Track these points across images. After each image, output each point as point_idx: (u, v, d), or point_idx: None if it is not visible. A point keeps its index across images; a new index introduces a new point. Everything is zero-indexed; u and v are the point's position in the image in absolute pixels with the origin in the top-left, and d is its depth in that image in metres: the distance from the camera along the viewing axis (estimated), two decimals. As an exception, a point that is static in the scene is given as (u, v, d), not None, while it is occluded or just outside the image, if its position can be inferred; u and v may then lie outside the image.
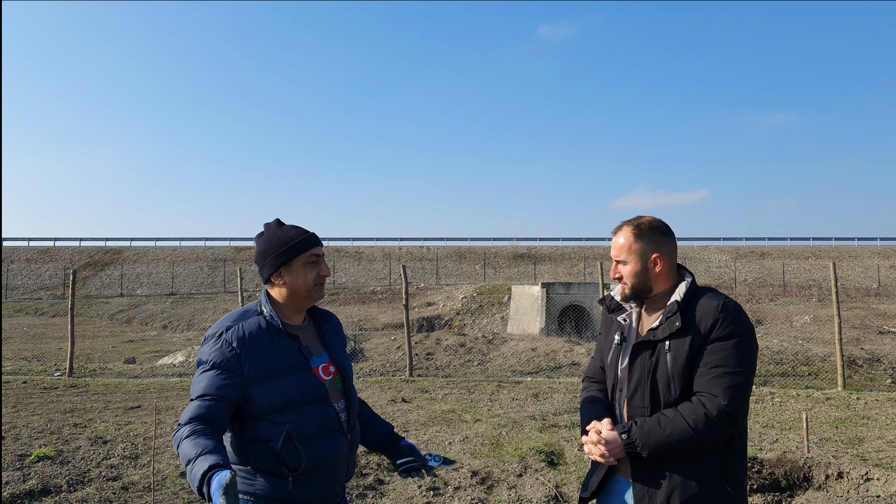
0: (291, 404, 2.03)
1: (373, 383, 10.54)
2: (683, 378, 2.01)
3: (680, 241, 48.09)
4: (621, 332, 2.21)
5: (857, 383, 10.27)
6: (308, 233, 2.19)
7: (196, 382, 2.02)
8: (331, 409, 2.11)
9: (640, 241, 2.15)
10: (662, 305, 2.15)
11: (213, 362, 2.00)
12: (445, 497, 4.95)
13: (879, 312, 22.23)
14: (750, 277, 37.80)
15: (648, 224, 2.18)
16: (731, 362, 1.96)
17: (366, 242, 48.56)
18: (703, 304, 2.05)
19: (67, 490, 5.03)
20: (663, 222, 2.22)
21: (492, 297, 24.17)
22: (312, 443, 2.03)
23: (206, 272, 40.31)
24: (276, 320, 2.11)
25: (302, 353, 2.11)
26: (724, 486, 1.97)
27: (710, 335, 1.99)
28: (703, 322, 2.01)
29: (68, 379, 11.06)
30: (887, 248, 45.40)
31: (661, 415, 2.00)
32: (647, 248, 2.15)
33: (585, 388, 2.37)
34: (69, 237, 46.80)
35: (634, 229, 2.17)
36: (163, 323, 25.46)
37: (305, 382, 2.07)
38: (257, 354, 2.02)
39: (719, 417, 1.91)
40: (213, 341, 2.04)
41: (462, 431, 7.02)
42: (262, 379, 2.01)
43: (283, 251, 2.13)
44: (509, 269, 40.80)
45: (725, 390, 1.93)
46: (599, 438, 2.04)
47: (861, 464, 5.51)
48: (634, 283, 2.16)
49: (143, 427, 7.17)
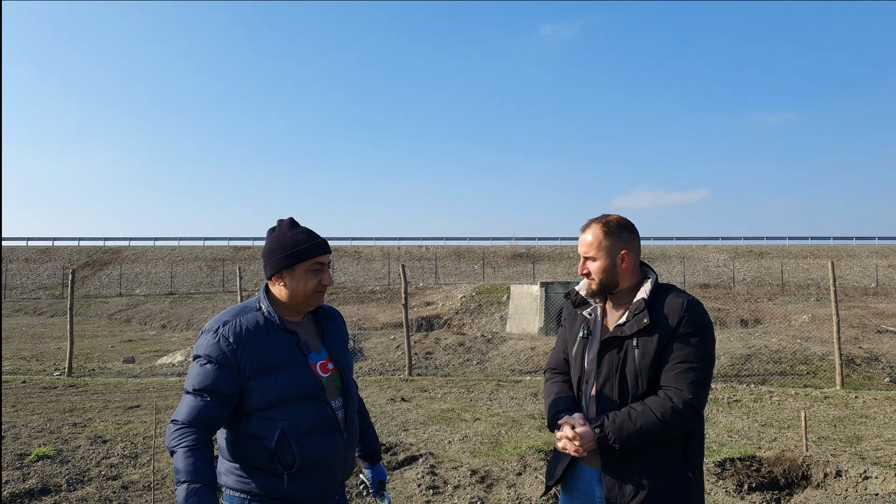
0: (286, 400, 2.02)
1: (372, 382, 10.55)
2: (651, 372, 2.11)
3: (679, 241, 48.18)
4: (587, 326, 2.28)
5: (855, 382, 10.28)
6: (317, 239, 2.17)
7: (192, 374, 2.03)
8: (327, 407, 2.10)
9: (609, 238, 2.22)
10: (627, 301, 2.24)
11: (209, 356, 2.01)
12: (445, 495, 4.96)
13: (878, 311, 22.24)
14: (748, 277, 37.81)
15: (616, 222, 2.25)
16: (695, 358, 2.08)
17: (365, 242, 48.56)
18: (669, 302, 2.14)
19: (67, 489, 5.04)
20: (629, 221, 2.29)
21: (491, 296, 24.17)
22: (307, 440, 2.03)
23: (205, 272, 40.27)
24: (273, 316, 2.11)
25: (300, 349, 2.11)
26: (687, 473, 2.09)
27: (676, 332, 2.09)
28: (669, 319, 2.11)
29: (67, 378, 11.05)
30: (886, 247, 45.45)
31: (631, 408, 2.08)
32: (616, 245, 2.21)
33: (550, 380, 2.43)
34: (68, 237, 46.77)
35: (603, 226, 2.23)
36: (162, 322, 25.43)
37: (302, 379, 2.06)
38: (254, 350, 2.02)
39: (685, 410, 2.03)
40: (210, 335, 2.04)
41: (461, 430, 7.03)
42: (257, 374, 2.01)
43: (288, 255, 2.12)
44: (508, 268, 40.80)
45: (690, 384, 2.05)
46: (574, 434, 2.09)
47: (859, 462, 5.52)
48: (602, 278, 2.22)
49: (143, 426, 7.17)
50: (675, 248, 46.59)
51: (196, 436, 1.94)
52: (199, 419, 1.96)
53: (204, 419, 1.97)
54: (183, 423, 1.96)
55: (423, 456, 5.90)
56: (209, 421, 1.98)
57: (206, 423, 1.98)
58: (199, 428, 1.96)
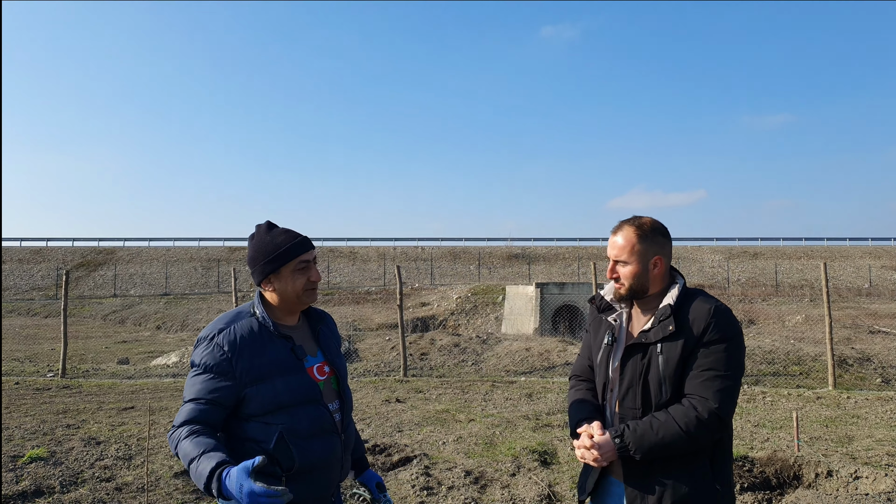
0: (283, 406, 2.03)
1: (367, 383, 10.55)
2: (675, 380, 2.02)
3: (674, 242, 48.27)
4: (612, 333, 2.20)
5: (847, 382, 10.33)
6: (297, 238, 2.16)
7: (189, 385, 2.04)
8: (324, 410, 2.11)
9: (642, 243, 2.12)
10: (653, 306, 2.15)
11: (205, 365, 2.02)
12: (439, 496, 4.97)
13: (870, 312, 22.36)
14: (743, 277, 37.95)
15: (650, 225, 2.16)
16: (722, 365, 1.98)
17: (360, 242, 48.56)
18: (695, 308, 2.04)
19: (61, 491, 5.03)
20: (662, 224, 2.20)
21: (486, 297, 24.20)
22: (306, 443, 2.04)
23: (200, 272, 40.19)
24: (268, 322, 2.11)
25: (295, 354, 2.11)
26: (714, 485, 2.00)
27: (702, 339, 2.00)
28: (695, 326, 2.01)
29: (61, 380, 11.02)
30: (879, 248, 45.67)
31: (653, 418, 2.00)
32: (649, 250, 2.13)
33: (574, 387, 2.38)
34: (62, 237, 46.58)
35: (637, 230, 2.14)
36: (156, 323, 25.36)
37: (298, 383, 2.07)
38: (249, 357, 2.03)
39: (710, 420, 1.94)
40: (205, 344, 2.05)
41: (456, 431, 7.04)
42: (254, 381, 2.02)
43: (271, 259, 2.12)
44: (504, 269, 40.83)
45: (716, 393, 1.95)
46: (592, 443, 2.03)
47: (851, 462, 5.55)
48: (633, 283, 2.13)
49: (137, 428, 7.16)
50: (670, 248, 46.68)
51: (194, 425, 1.95)
52: (196, 419, 1.98)
53: (204, 420, 1.99)
54: (182, 424, 1.98)
55: (417, 457, 5.91)
56: (209, 422, 2.00)
57: (206, 423, 2.00)
58: (200, 423, 1.98)
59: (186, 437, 1.91)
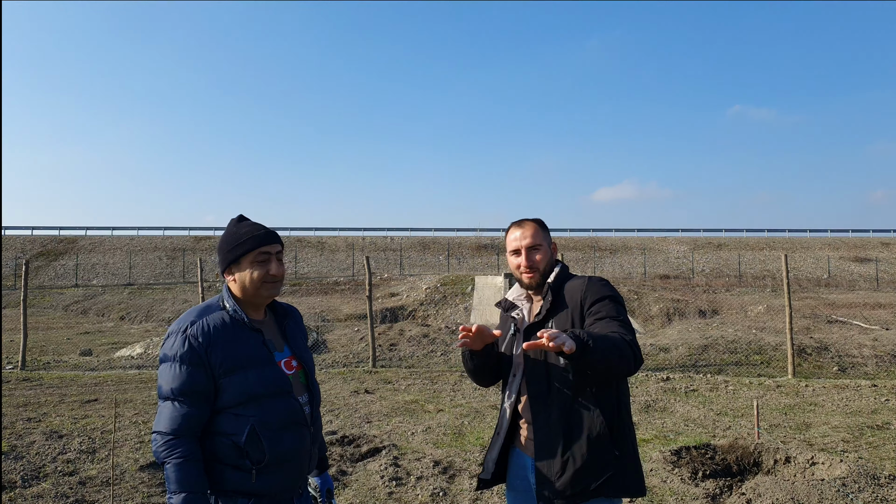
0: (255, 397, 2.04)
1: (336, 375, 10.52)
2: None
3: (640, 233, 48.98)
4: (514, 325, 2.40)
5: (806, 371, 10.65)
6: (260, 231, 2.17)
7: (166, 378, 2.02)
8: (296, 403, 2.13)
9: (544, 231, 2.42)
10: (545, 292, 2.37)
11: (180, 357, 2.00)
12: (408, 487, 5.00)
13: (829, 302, 23.01)
14: (707, 268, 38.68)
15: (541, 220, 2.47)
16: (614, 311, 2.16)
17: (329, 232, 48.18)
18: (571, 283, 2.30)
19: (22, 486, 4.93)
20: None
21: (455, 287, 24.26)
22: (277, 435, 2.05)
23: (165, 262, 39.50)
24: (240, 314, 2.12)
25: (267, 347, 2.13)
26: (613, 451, 2.14)
27: (584, 302, 2.21)
28: (576, 295, 2.24)
29: (21, 372, 10.77)
30: (837, 238, 47.00)
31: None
32: (547, 237, 2.43)
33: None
34: (20, 225, 45.30)
35: (535, 222, 2.42)
36: (120, 314, 24.88)
37: (270, 376, 2.08)
38: (223, 349, 2.03)
39: (633, 343, 2.04)
40: (178, 336, 2.03)
41: (425, 421, 7.08)
42: (227, 373, 2.02)
43: (232, 248, 2.15)
44: (473, 259, 40.99)
45: (621, 327, 2.10)
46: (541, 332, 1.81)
47: (807, 449, 5.74)
48: (545, 267, 2.36)
49: (101, 420, 7.04)
50: (637, 239, 47.38)
51: (185, 446, 1.96)
52: (184, 427, 1.97)
53: (189, 427, 1.98)
54: (169, 434, 1.96)
55: (386, 448, 5.93)
56: (195, 427, 1.99)
57: (193, 430, 1.99)
58: (187, 437, 1.97)
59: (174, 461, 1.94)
